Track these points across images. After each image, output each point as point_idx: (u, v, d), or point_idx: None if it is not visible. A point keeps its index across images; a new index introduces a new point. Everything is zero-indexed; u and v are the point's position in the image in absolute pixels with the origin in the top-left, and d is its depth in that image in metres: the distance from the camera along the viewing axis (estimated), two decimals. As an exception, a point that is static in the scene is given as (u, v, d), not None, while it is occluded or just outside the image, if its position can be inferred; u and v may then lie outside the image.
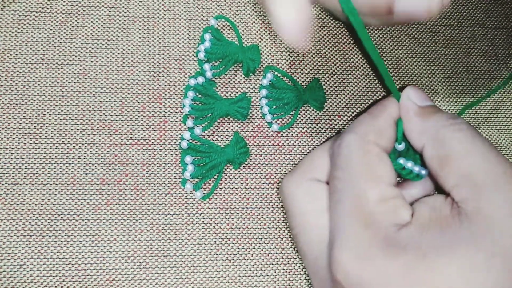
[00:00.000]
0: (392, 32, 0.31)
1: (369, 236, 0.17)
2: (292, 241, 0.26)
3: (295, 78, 0.29)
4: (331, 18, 0.30)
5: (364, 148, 0.19)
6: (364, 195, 0.18)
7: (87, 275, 0.24)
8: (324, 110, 0.29)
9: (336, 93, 0.29)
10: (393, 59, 0.30)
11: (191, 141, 0.26)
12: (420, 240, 0.17)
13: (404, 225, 0.18)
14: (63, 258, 0.24)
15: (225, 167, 0.27)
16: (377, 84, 0.30)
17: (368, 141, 0.20)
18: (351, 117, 0.29)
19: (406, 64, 0.30)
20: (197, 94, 0.27)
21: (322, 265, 0.19)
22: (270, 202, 0.27)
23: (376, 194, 0.18)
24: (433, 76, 0.31)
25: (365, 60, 0.30)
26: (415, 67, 0.30)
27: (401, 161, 0.21)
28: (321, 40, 0.30)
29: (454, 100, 0.30)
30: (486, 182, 0.17)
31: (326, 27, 0.30)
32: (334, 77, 0.29)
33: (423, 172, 0.21)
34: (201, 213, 0.26)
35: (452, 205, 0.18)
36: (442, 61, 0.31)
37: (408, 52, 0.31)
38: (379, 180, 0.19)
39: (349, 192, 0.19)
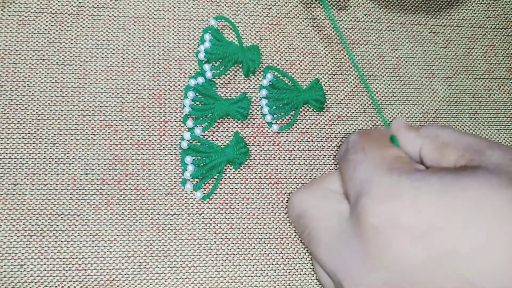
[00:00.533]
0: (392, 33, 0.31)
1: (394, 179, 0.19)
2: (293, 241, 0.26)
3: (295, 78, 0.29)
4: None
5: (371, 136, 0.22)
6: (382, 154, 0.20)
7: (88, 275, 0.24)
8: (324, 110, 0.29)
9: (336, 93, 0.29)
10: (393, 60, 0.30)
11: (191, 141, 0.26)
12: (442, 172, 0.19)
13: (422, 170, 0.20)
14: (63, 258, 0.24)
15: (225, 167, 0.27)
16: (377, 86, 0.30)
17: (373, 135, 0.22)
18: (351, 117, 0.29)
19: (406, 64, 0.30)
20: (197, 94, 0.27)
21: (343, 241, 0.20)
22: (270, 202, 0.27)
23: (392, 153, 0.21)
24: (433, 76, 0.31)
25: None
26: (415, 68, 0.31)
27: None
28: (321, 40, 0.30)
29: (454, 100, 0.30)
30: (484, 147, 0.20)
31: (326, 27, 0.30)
32: (334, 77, 0.29)
33: None
34: (201, 213, 0.26)
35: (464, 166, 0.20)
36: (442, 61, 0.31)
37: (408, 52, 0.31)
38: (391, 146, 0.22)
39: (366, 159, 0.20)
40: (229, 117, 0.27)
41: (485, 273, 0.16)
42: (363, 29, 0.31)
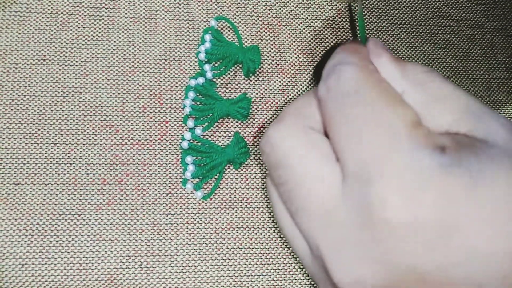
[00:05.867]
0: (391, 33, 0.31)
1: (418, 161, 0.15)
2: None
3: (294, 78, 0.29)
4: (330, 18, 0.30)
5: (374, 76, 0.17)
6: (397, 116, 0.16)
7: (89, 275, 0.24)
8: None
9: (336, 93, 0.29)
10: (392, 60, 0.30)
11: (191, 141, 0.26)
12: (465, 154, 0.15)
13: (444, 148, 0.15)
14: (64, 257, 0.24)
15: (226, 167, 0.27)
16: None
17: (373, 69, 0.17)
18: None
19: (406, 64, 0.31)
20: (198, 94, 0.27)
21: (335, 221, 0.16)
22: (270, 202, 0.27)
23: (410, 115, 0.16)
24: (433, 76, 0.31)
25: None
26: (415, 68, 0.31)
27: None
28: (321, 40, 0.30)
29: (453, 100, 0.30)
30: (485, 114, 0.16)
31: (326, 28, 0.30)
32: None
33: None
34: (202, 213, 0.26)
35: (464, 135, 0.16)
36: (441, 62, 0.31)
37: (408, 53, 0.31)
38: (404, 102, 0.17)
39: (376, 118, 0.16)
40: (229, 117, 0.27)
41: (500, 277, 0.14)
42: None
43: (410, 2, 0.32)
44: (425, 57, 0.31)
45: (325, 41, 0.30)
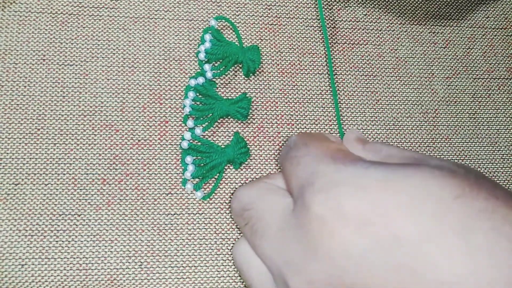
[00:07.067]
0: (392, 33, 0.31)
1: (339, 167, 0.19)
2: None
3: (294, 78, 0.29)
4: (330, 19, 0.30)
5: (312, 135, 0.23)
6: (325, 147, 0.21)
7: (88, 275, 0.24)
8: (323, 110, 0.29)
9: (336, 93, 0.29)
10: (392, 60, 0.30)
11: (191, 141, 0.26)
12: (387, 163, 0.19)
13: (366, 160, 0.20)
14: (64, 258, 0.24)
15: (226, 167, 0.27)
16: (377, 86, 0.30)
17: (315, 134, 0.23)
18: (351, 117, 0.29)
19: (406, 64, 0.31)
20: (198, 94, 0.27)
21: (287, 233, 0.20)
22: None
23: (335, 145, 0.21)
24: (433, 76, 0.31)
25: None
26: (415, 68, 0.31)
27: None
28: (321, 40, 0.30)
29: (454, 100, 0.30)
30: (424, 157, 0.20)
31: (326, 28, 0.30)
32: (334, 77, 0.29)
33: None
34: (202, 213, 0.26)
35: None
36: (442, 61, 0.31)
37: (408, 52, 0.31)
38: (333, 141, 0.23)
39: (309, 153, 0.21)
40: (229, 117, 0.27)
41: (429, 261, 0.15)
42: (363, 29, 0.31)
43: (410, 1, 0.32)
44: (425, 56, 0.31)
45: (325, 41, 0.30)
